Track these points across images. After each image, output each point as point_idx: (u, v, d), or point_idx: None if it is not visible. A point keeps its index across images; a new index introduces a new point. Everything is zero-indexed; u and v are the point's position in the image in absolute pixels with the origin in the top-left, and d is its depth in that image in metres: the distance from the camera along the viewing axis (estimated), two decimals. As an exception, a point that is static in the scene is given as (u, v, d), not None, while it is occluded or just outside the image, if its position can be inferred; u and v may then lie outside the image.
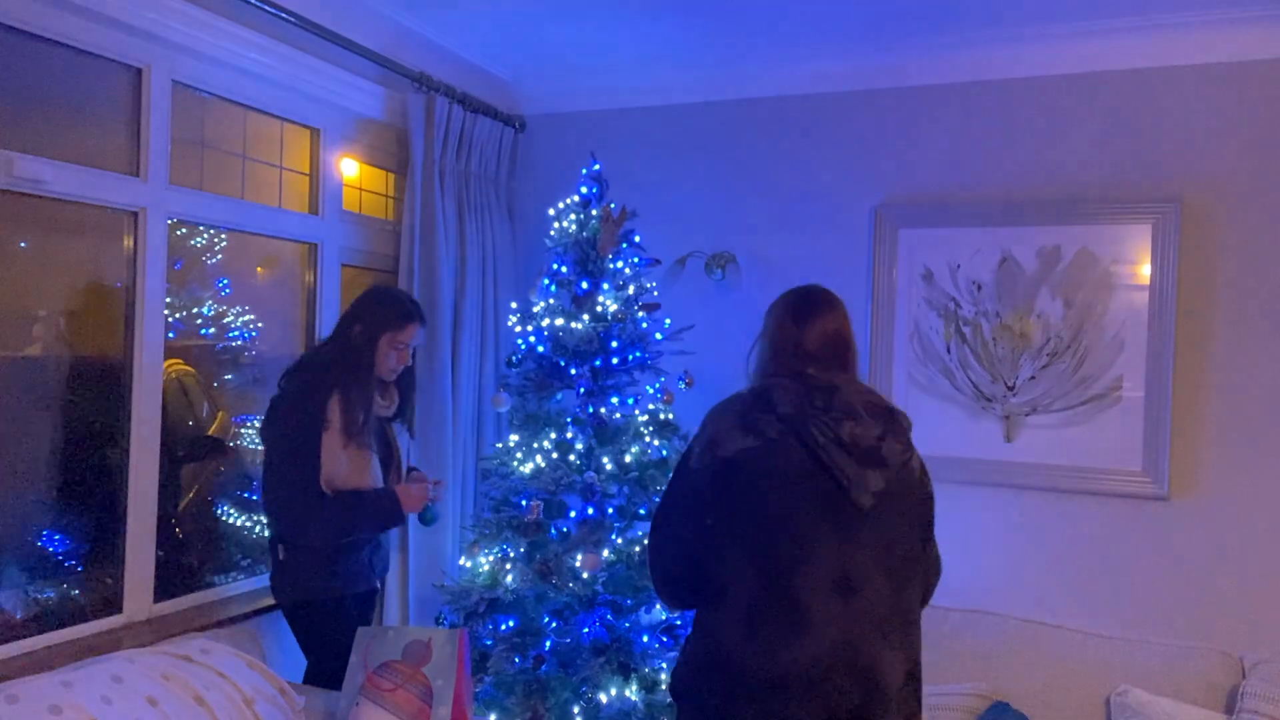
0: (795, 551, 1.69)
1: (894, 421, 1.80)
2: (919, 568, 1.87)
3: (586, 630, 2.79)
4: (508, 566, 2.84)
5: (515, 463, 2.90)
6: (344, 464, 2.48)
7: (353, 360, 2.54)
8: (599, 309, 2.93)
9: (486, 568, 2.86)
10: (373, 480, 2.60)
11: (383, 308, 2.63)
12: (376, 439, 2.64)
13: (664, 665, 2.79)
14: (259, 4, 2.58)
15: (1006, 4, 2.80)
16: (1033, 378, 3.05)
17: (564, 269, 3.02)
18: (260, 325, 2.96)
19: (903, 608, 1.77)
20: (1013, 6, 2.82)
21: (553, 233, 3.08)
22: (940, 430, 3.16)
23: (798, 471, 1.72)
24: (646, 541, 2.00)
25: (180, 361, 2.71)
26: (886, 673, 1.68)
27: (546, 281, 3.05)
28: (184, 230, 2.66)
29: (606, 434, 2.90)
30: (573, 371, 2.95)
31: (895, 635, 1.72)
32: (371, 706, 2.17)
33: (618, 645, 2.74)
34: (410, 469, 2.88)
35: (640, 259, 3.08)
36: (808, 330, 1.87)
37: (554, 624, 2.79)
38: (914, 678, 1.78)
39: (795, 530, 1.70)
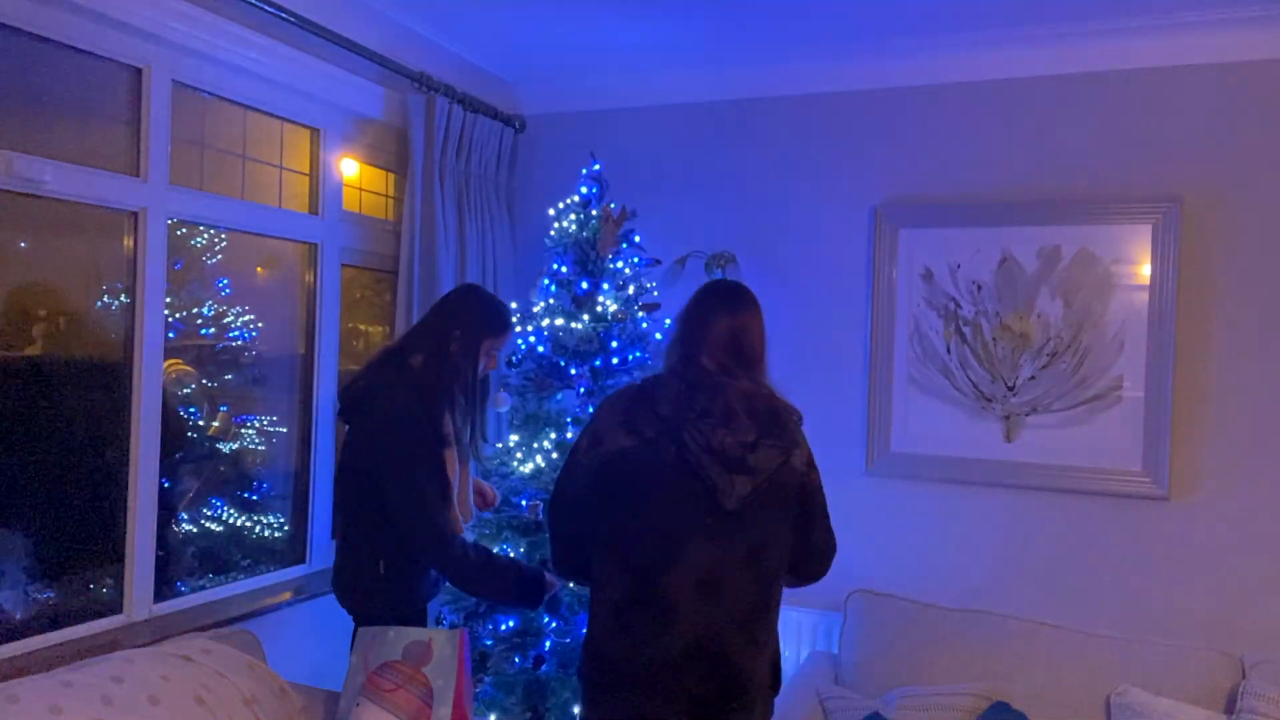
0: (664, 551, 1.79)
1: (775, 424, 1.85)
2: (787, 561, 1.93)
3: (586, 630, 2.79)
4: (508, 566, 2.84)
5: (515, 463, 2.90)
6: (457, 484, 2.37)
7: (456, 370, 2.37)
8: (599, 309, 2.93)
9: (486, 568, 2.86)
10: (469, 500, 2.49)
11: (484, 313, 2.45)
12: None
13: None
14: (259, 4, 2.58)
15: (1007, 4, 2.80)
16: (1033, 378, 3.06)
17: (564, 269, 3.02)
18: (260, 325, 2.96)
19: (766, 605, 1.85)
20: (1013, 6, 2.82)
21: (553, 233, 3.08)
22: (940, 430, 3.16)
23: (670, 474, 1.81)
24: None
25: (180, 361, 2.71)
26: (747, 666, 1.79)
27: (546, 281, 3.05)
28: (184, 230, 2.66)
29: (606, 434, 2.90)
30: (573, 371, 2.95)
31: (760, 631, 1.82)
32: (372, 707, 2.17)
33: (618, 645, 2.74)
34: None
35: (640, 259, 3.08)
36: (714, 324, 1.94)
37: (554, 624, 2.79)
38: (777, 670, 1.90)
39: (665, 530, 1.81)
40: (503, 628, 2.79)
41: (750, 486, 1.78)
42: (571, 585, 2.62)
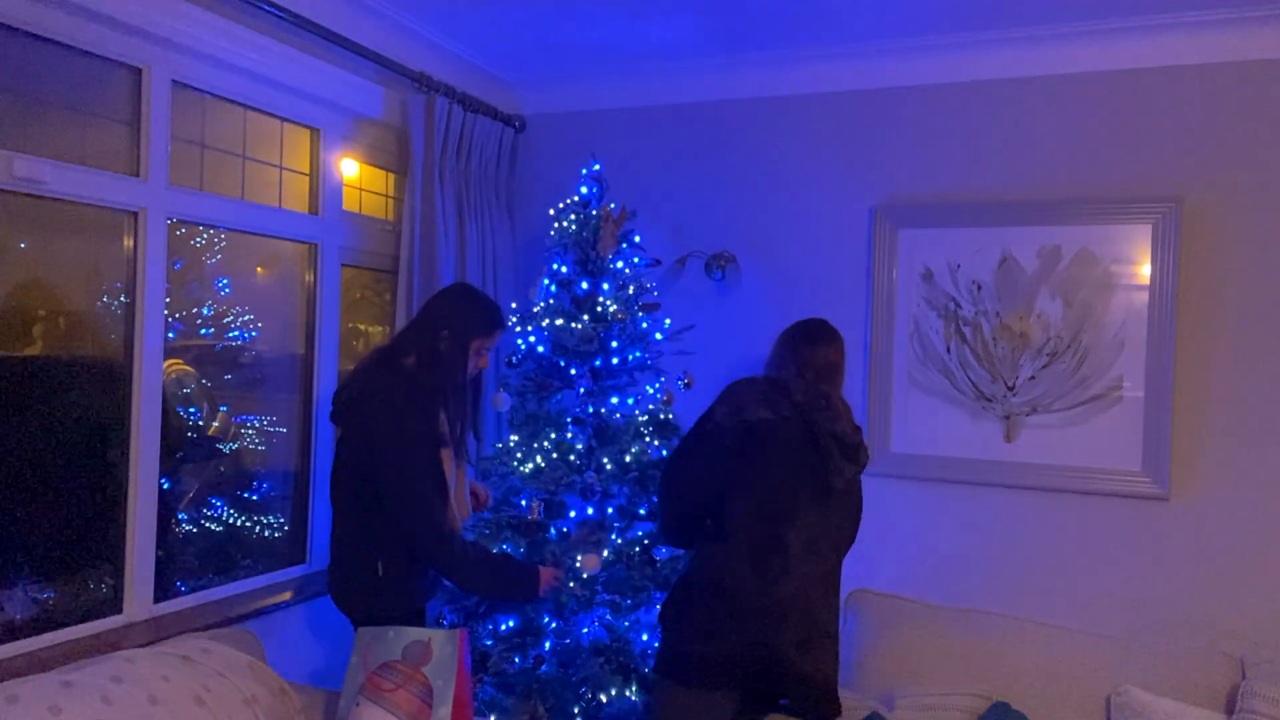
0: (788, 509, 2.18)
1: (859, 434, 2.31)
2: (849, 545, 2.37)
3: (586, 630, 2.79)
4: (508, 566, 2.84)
5: (515, 463, 2.90)
6: (454, 483, 2.39)
7: (448, 369, 2.39)
8: (599, 309, 2.93)
9: (486, 568, 2.86)
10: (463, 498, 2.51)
11: (471, 313, 2.47)
12: None
13: (664, 665, 2.79)
14: (259, 4, 2.58)
15: (1006, 4, 2.80)
16: (1033, 378, 3.06)
17: (564, 269, 3.02)
18: (260, 325, 2.96)
19: (837, 574, 2.31)
20: (1012, 6, 2.82)
21: (553, 233, 3.08)
22: (940, 430, 3.16)
23: (799, 448, 2.20)
24: (660, 481, 2.41)
25: (180, 361, 2.71)
26: (823, 618, 2.21)
27: (546, 281, 3.05)
28: (184, 230, 2.66)
29: (606, 434, 2.90)
30: (573, 371, 2.95)
31: (831, 595, 2.26)
32: (372, 707, 2.17)
33: (617, 645, 2.74)
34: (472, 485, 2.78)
35: (640, 259, 3.08)
36: (814, 353, 2.37)
37: (554, 624, 2.79)
38: (835, 631, 2.26)
39: (789, 494, 2.19)
40: (503, 628, 2.79)
41: (853, 473, 2.24)
42: (666, 548, 2.85)
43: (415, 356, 2.39)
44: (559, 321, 2.93)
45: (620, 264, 3.01)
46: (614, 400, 2.93)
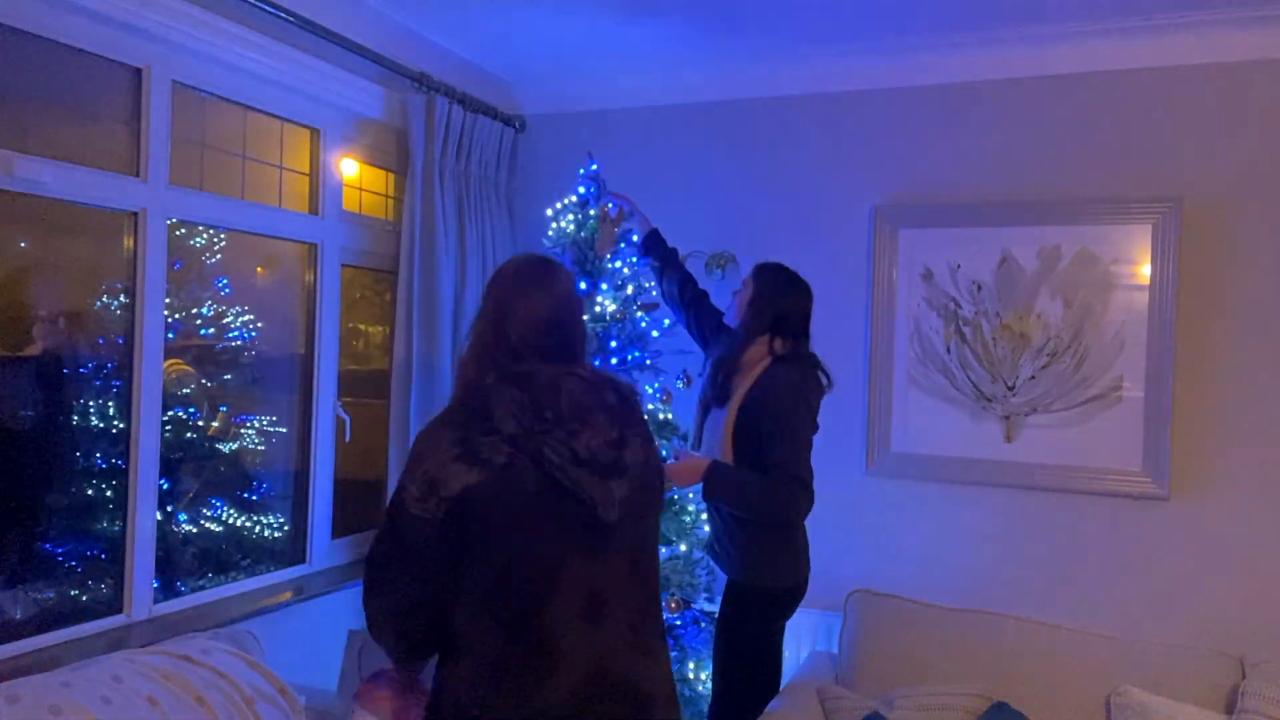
0: (540, 585, 1.52)
1: (628, 410, 1.65)
2: (657, 560, 1.78)
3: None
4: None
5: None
6: None
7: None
8: (597, 309, 2.93)
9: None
10: None
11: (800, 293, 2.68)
12: None
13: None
14: (259, 4, 2.58)
15: (1007, 4, 2.80)
16: (1033, 378, 3.05)
17: (564, 269, 3.02)
18: (260, 325, 2.96)
19: (654, 612, 1.68)
20: (1013, 7, 2.81)
21: (551, 233, 3.08)
22: (940, 430, 3.16)
23: (535, 499, 1.51)
24: (362, 602, 1.61)
25: (180, 361, 2.71)
26: (646, 684, 1.58)
27: (546, 281, 3.04)
28: (184, 230, 2.66)
29: (606, 434, 2.90)
30: (572, 371, 2.95)
31: (654, 644, 1.64)
32: (365, 715, 2.17)
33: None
34: None
35: (639, 259, 3.08)
36: (532, 305, 1.65)
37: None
38: (672, 680, 1.72)
39: (539, 563, 1.52)
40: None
41: (627, 488, 1.57)
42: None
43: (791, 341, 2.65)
44: (559, 321, 2.93)
45: (619, 264, 3.01)
46: (614, 400, 2.93)
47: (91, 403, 2.43)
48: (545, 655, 1.51)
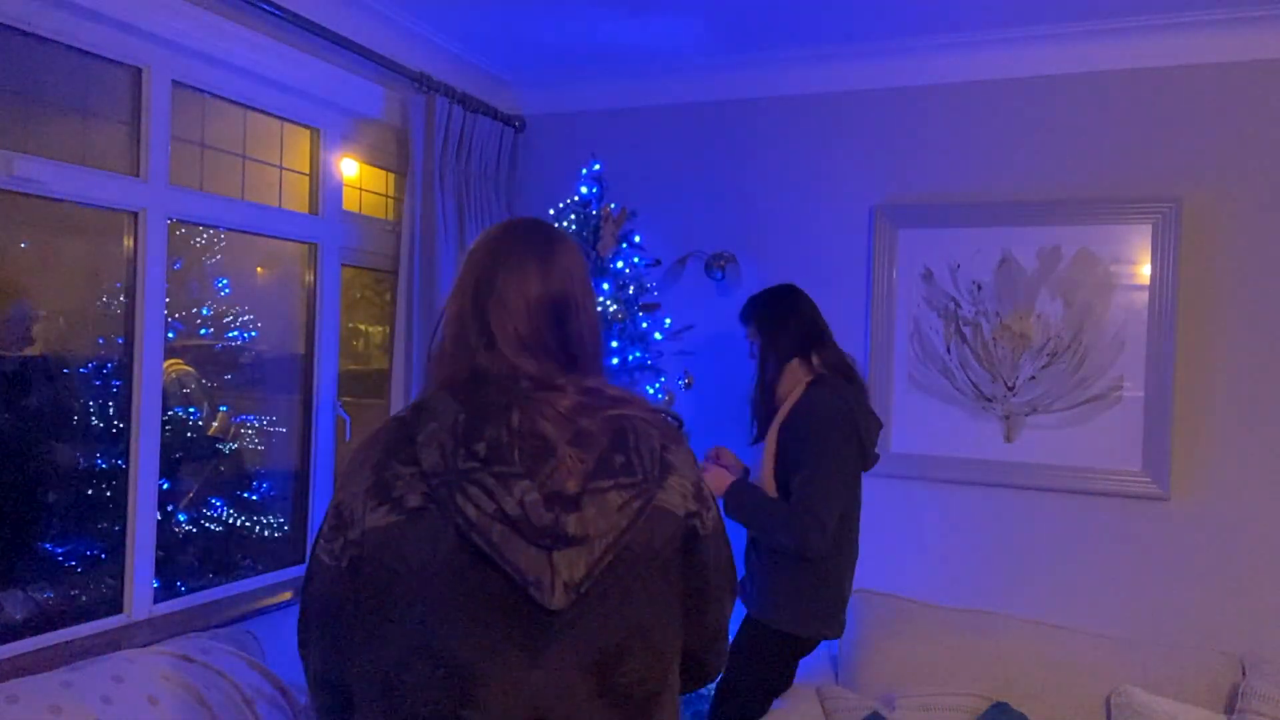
0: (456, 690, 1.06)
1: (622, 448, 1.13)
2: (673, 663, 1.19)
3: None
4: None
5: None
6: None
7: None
8: (598, 309, 2.93)
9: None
10: None
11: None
12: None
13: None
14: (259, 4, 2.58)
15: (1006, 4, 2.80)
16: (1033, 378, 3.05)
17: (564, 269, 3.01)
18: (260, 325, 2.96)
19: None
20: (1012, 6, 2.82)
21: (552, 233, 3.08)
22: (940, 430, 3.16)
23: (449, 563, 1.07)
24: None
25: (180, 361, 2.71)
26: None
27: (546, 281, 3.04)
28: (184, 230, 2.66)
29: (606, 434, 2.89)
30: (573, 371, 2.95)
31: None
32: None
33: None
34: None
35: (640, 259, 3.08)
36: (513, 296, 1.20)
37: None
38: None
39: (452, 659, 1.07)
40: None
41: (586, 565, 1.07)
42: None
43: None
44: (559, 321, 2.93)
45: (620, 264, 3.01)
46: (614, 400, 2.93)
47: (91, 403, 2.43)
48: None
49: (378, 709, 1.10)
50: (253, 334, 2.94)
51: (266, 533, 3.01)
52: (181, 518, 2.76)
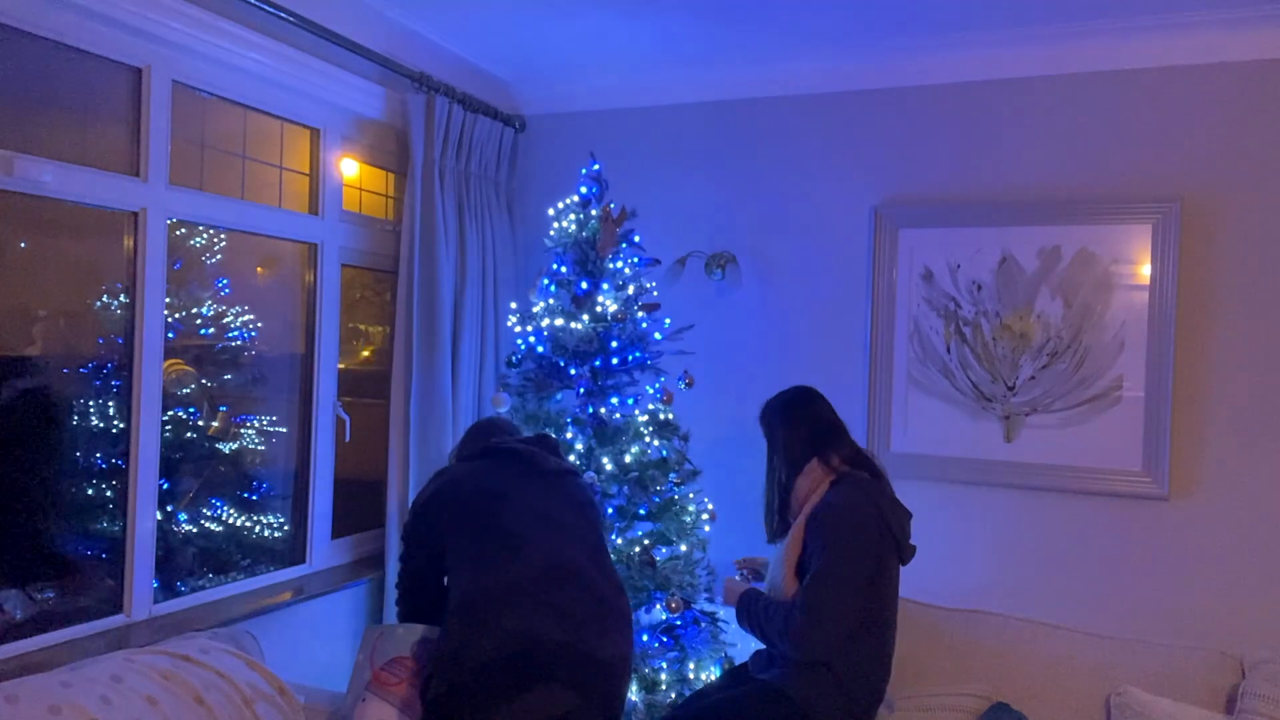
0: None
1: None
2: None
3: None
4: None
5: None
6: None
7: None
8: (599, 309, 2.93)
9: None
10: None
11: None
12: None
13: (664, 665, 2.79)
14: (259, 4, 2.58)
15: (1006, 4, 2.80)
16: (1033, 378, 3.05)
17: (564, 269, 3.02)
18: (260, 325, 2.96)
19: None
20: (1013, 6, 2.82)
21: (552, 233, 3.08)
22: (940, 430, 3.16)
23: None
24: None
25: (180, 361, 2.71)
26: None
27: (546, 281, 3.05)
28: (184, 230, 2.66)
29: (606, 434, 2.90)
30: (572, 371, 2.95)
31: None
32: (377, 701, 2.17)
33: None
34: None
35: (640, 259, 3.08)
36: None
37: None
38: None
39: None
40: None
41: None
42: None
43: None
44: (559, 321, 2.93)
45: (620, 264, 3.01)
46: (614, 400, 2.93)
47: (91, 403, 2.43)
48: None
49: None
50: (253, 334, 2.94)
51: (266, 533, 3.01)
52: (181, 518, 2.76)
